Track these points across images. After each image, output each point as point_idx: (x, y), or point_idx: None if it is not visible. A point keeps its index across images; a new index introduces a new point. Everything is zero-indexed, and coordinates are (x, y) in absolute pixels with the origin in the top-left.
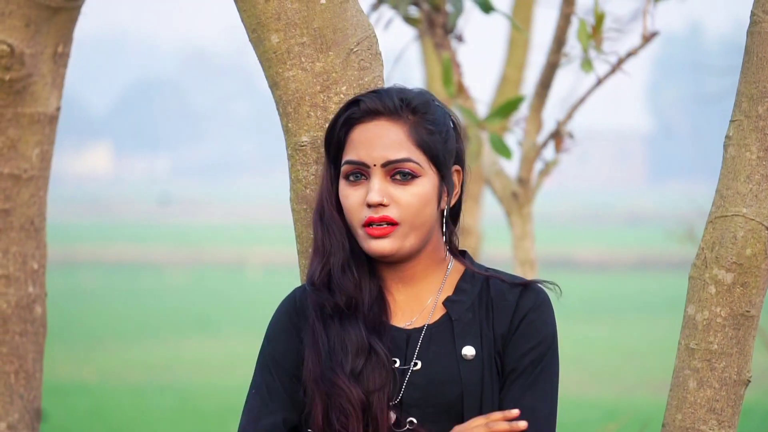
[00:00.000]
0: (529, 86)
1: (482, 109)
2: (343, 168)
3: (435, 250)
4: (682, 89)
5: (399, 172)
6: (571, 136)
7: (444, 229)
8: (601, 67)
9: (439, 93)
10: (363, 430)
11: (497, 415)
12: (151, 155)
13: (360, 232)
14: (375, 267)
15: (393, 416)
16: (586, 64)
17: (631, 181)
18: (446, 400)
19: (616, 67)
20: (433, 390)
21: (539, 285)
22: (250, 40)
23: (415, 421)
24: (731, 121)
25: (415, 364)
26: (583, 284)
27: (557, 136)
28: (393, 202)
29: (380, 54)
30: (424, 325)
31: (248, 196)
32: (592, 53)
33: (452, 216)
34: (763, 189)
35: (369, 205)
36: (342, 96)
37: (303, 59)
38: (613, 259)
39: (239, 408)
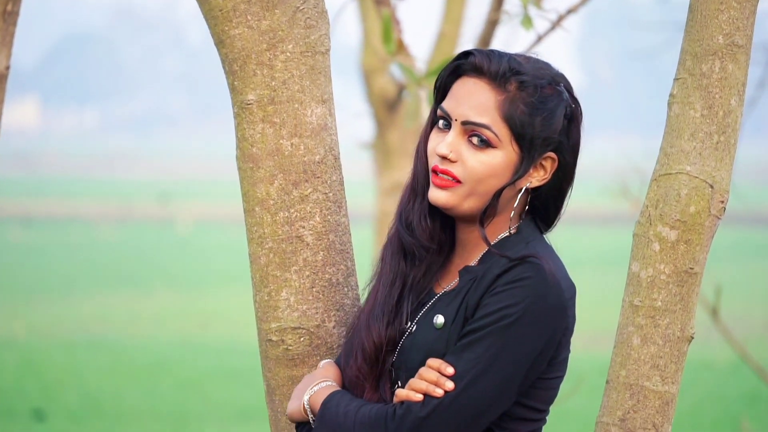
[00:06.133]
0: (466, 43)
1: (421, 66)
2: (438, 113)
3: (500, 225)
4: (611, 44)
5: (475, 135)
6: None
7: (517, 209)
8: (539, 24)
9: (379, 51)
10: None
11: (435, 363)
12: (79, 109)
13: (429, 179)
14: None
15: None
16: (527, 21)
17: None
18: (415, 365)
19: (555, 24)
20: (411, 355)
21: (537, 262)
22: None
23: (399, 384)
24: (675, 79)
25: (413, 327)
26: None
27: None
28: (461, 161)
29: (326, 12)
30: (442, 291)
31: (177, 151)
32: (532, 10)
33: (543, 203)
34: (707, 147)
35: (439, 155)
36: (288, 54)
37: (249, 17)
38: None
39: (171, 362)
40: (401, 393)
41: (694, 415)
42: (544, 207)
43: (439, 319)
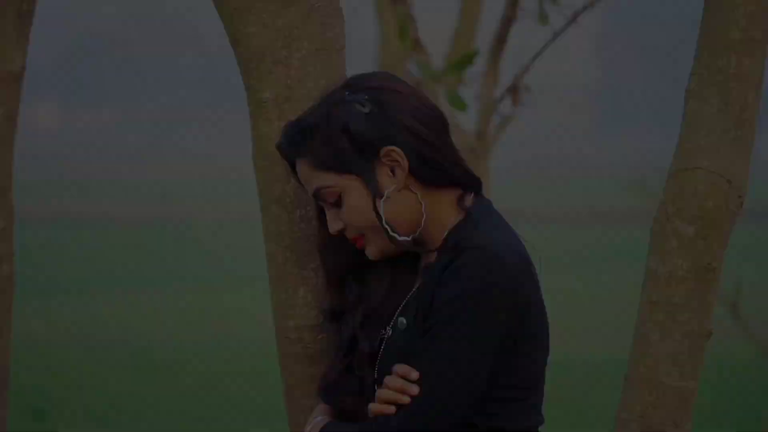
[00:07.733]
0: (483, 39)
1: (437, 63)
2: None
3: (428, 227)
4: (629, 40)
5: (326, 200)
6: (527, 89)
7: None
8: (555, 20)
9: (395, 48)
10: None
11: (401, 369)
12: (97, 110)
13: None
14: None
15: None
16: (543, 18)
17: (580, 132)
18: (387, 370)
19: (572, 20)
20: (388, 360)
21: (479, 249)
22: None
23: (376, 388)
24: (692, 74)
25: (389, 332)
26: (530, 236)
27: (514, 90)
28: (344, 222)
29: (341, 9)
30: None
31: (197, 151)
32: (548, 6)
33: (442, 176)
34: (723, 142)
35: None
36: (304, 52)
37: (264, 15)
38: (562, 210)
39: (192, 362)
40: (374, 408)
41: (716, 411)
42: (449, 177)
43: (402, 321)
